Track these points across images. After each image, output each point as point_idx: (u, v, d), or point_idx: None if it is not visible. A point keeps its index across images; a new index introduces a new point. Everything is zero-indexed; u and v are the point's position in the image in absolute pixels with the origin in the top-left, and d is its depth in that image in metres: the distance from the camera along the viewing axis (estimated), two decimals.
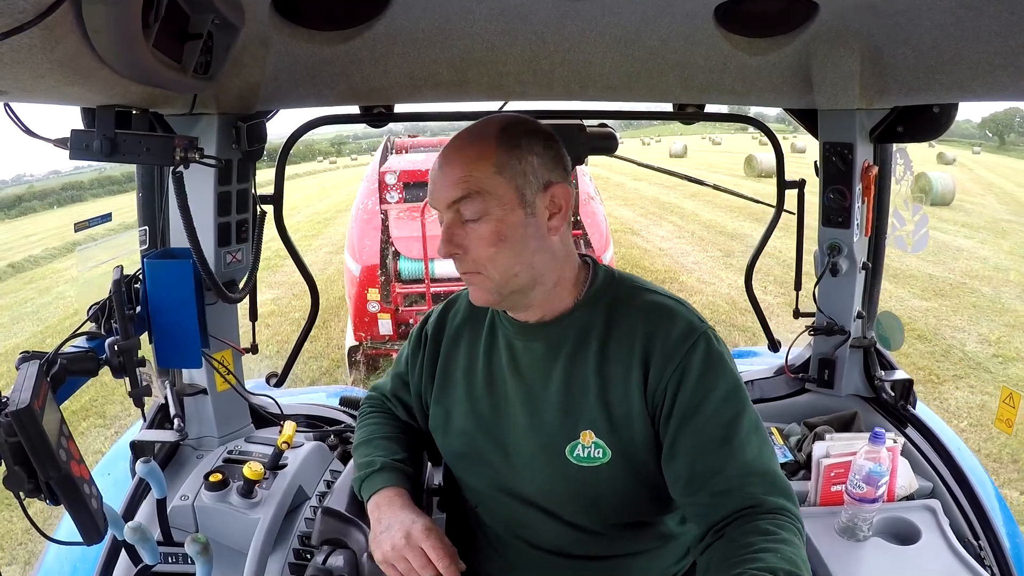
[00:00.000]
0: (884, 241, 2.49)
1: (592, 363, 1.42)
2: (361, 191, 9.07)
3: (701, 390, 1.34)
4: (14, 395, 1.18)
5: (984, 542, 1.96)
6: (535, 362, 1.48)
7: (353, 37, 1.74)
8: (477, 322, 1.61)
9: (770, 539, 1.21)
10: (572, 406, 1.43)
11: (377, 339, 7.24)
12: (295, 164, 58.64)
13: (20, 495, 1.20)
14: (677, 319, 1.40)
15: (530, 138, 1.39)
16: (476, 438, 1.54)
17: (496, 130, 1.39)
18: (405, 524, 1.42)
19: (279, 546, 1.84)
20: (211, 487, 1.86)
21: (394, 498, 1.51)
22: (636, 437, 1.39)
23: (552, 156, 1.40)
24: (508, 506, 1.54)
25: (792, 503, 1.31)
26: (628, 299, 1.46)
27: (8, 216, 35.46)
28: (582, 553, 1.51)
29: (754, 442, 1.34)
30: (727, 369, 1.38)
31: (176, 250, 2.02)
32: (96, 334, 1.73)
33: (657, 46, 1.86)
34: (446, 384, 1.61)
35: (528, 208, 1.37)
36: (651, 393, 1.38)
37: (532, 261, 1.39)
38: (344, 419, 2.51)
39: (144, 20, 1.09)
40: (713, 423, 1.33)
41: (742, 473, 1.31)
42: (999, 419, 2.16)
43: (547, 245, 1.41)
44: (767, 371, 2.74)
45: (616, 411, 1.40)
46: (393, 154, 10.66)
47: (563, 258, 1.45)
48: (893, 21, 1.67)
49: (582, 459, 1.41)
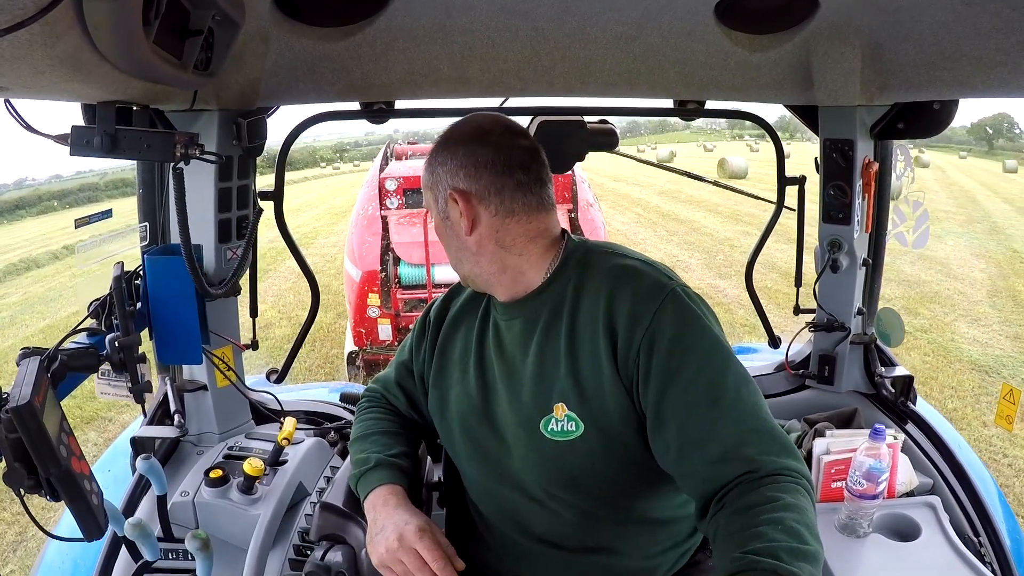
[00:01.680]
0: (884, 237, 2.49)
1: (563, 334, 1.42)
2: (361, 197, 9.07)
3: (679, 350, 1.31)
4: (15, 391, 1.18)
5: (984, 538, 1.95)
6: (515, 338, 1.51)
7: (353, 33, 1.74)
8: (474, 309, 1.64)
9: (772, 508, 1.16)
10: (545, 379, 1.43)
11: (377, 344, 7.23)
12: (299, 170, 59.08)
13: (20, 491, 1.20)
14: (642, 278, 1.39)
15: (438, 150, 1.51)
16: (469, 420, 1.56)
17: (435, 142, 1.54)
18: (399, 526, 1.43)
19: (279, 542, 1.84)
20: (211, 483, 1.86)
21: (389, 497, 1.51)
22: (608, 407, 1.38)
23: (456, 161, 1.47)
24: (501, 493, 1.55)
25: (795, 459, 1.26)
26: (595, 265, 1.46)
27: (30, 214, 37.05)
28: (576, 544, 1.51)
29: (746, 397, 1.30)
30: (702, 323, 1.35)
31: (176, 246, 2.01)
32: (97, 330, 1.74)
33: (658, 43, 1.86)
34: (443, 368, 1.64)
35: (442, 214, 1.51)
36: (622, 360, 1.36)
37: (458, 258, 1.54)
38: (344, 415, 2.50)
39: (145, 16, 1.09)
40: (698, 383, 1.30)
41: (737, 433, 1.26)
42: (999, 415, 2.15)
43: (466, 245, 1.50)
44: (767, 367, 2.74)
45: (586, 381, 1.39)
46: (393, 160, 10.66)
47: (493, 252, 1.49)
48: (894, 17, 1.67)
49: (556, 433, 1.41)
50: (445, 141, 1.51)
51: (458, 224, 1.47)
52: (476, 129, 1.50)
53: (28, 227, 29.94)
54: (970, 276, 12.75)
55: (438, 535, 1.44)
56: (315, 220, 23.73)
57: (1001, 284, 12.19)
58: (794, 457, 1.27)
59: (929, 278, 12.33)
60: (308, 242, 18.43)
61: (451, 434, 1.61)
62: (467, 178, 1.45)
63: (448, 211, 1.48)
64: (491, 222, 1.46)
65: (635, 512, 1.50)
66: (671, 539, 1.57)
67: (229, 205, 2.07)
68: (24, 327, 11.89)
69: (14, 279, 16.83)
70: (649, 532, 1.54)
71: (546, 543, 1.52)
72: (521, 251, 1.48)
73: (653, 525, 1.53)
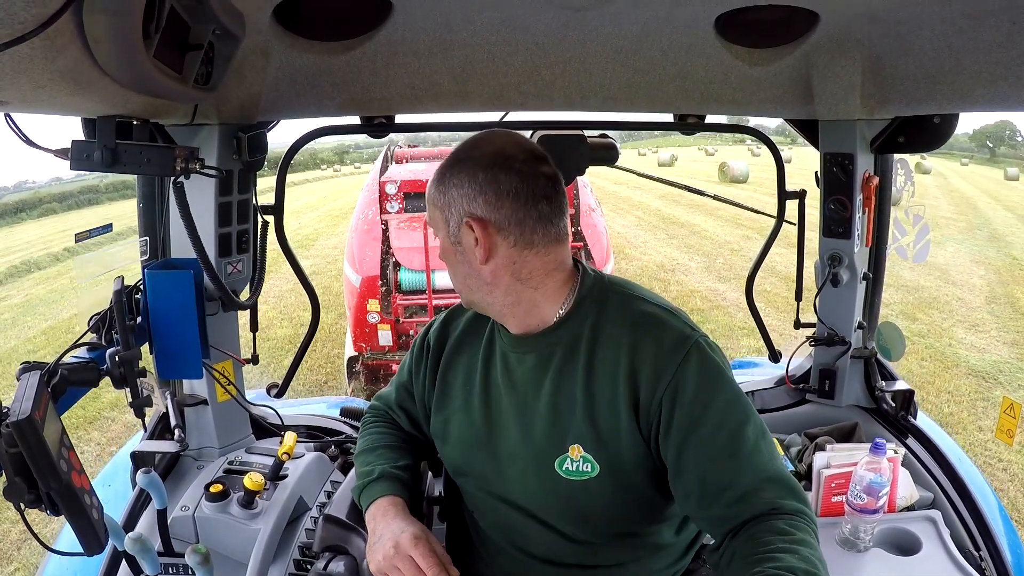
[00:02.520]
0: (885, 251, 2.49)
1: (580, 376, 1.41)
2: (361, 201, 8.98)
3: (700, 403, 1.33)
4: (15, 406, 1.18)
5: (985, 552, 1.95)
6: (527, 374, 1.48)
7: (354, 47, 1.74)
8: (477, 334, 1.61)
9: (788, 539, 1.21)
10: (561, 420, 1.42)
11: (377, 350, 7.20)
12: (300, 172, 59.19)
13: (21, 506, 1.19)
14: (666, 329, 1.39)
15: (454, 170, 1.41)
16: (472, 448, 1.55)
17: (447, 157, 1.45)
18: (395, 534, 1.43)
19: (279, 557, 1.84)
20: (212, 498, 1.86)
21: (388, 508, 1.52)
22: (624, 452, 1.39)
23: (475, 187, 1.38)
24: (503, 514, 1.54)
25: (807, 506, 1.31)
26: (616, 308, 1.44)
27: (30, 217, 37.13)
28: (575, 562, 1.51)
29: (763, 449, 1.33)
30: (724, 377, 1.37)
31: (177, 260, 2.01)
32: (97, 345, 1.73)
33: (658, 57, 1.86)
34: (445, 393, 1.62)
35: (453, 239, 1.43)
36: (644, 410, 1.36)
37: (467, 285, 1.47)
38: (345, 430, 2.50)
39: (145, 30, 1.09)
40: (718, 436, 1.32)
41: (756, 482, 1.30)
42: (999, 430, 2.15)
43: (479, 274, 1.43)
44: (767, 382, 2.74)
45: (603, 426, 1.39)
46: (393, 164, 10.61)
47: (508, 284, 1.43)
48: (894, 31, 1.67)
49: (571, 473, 1.41)
50: (461, 161, 1.42)
51: (471, 252, 1.40)
52: (499, 153, 1.40)
53: (29, 229, 30.05)
54: (969, 282, 12.78)
55: (434, 543, 1.44)
56: (316, 222, 23.90)
57: (1000, 291, 12.22)
58: (805, 503, 1.32)
59: (928, 284, 12.37)
60: (309, 244, 18.58)
61: (454, 458, 1.61)
62: (486, 205, 1.38)
63: (461, 236, 1.41)
64: (509, 253, 1.40)
65: (638, 539, 1.52)
66: (670, 557, 1.58)
67: (229, 219, 2.07)
68: (26, 328, 12.01)
69: (15, 281, 16.94)
70: (649, 555, 1.55)
71: (547, 562, 1.53)
72: (537, 285, 1.44)
73: (654, 549, 1.55)
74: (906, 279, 12.36)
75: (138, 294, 1.92)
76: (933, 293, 11.89)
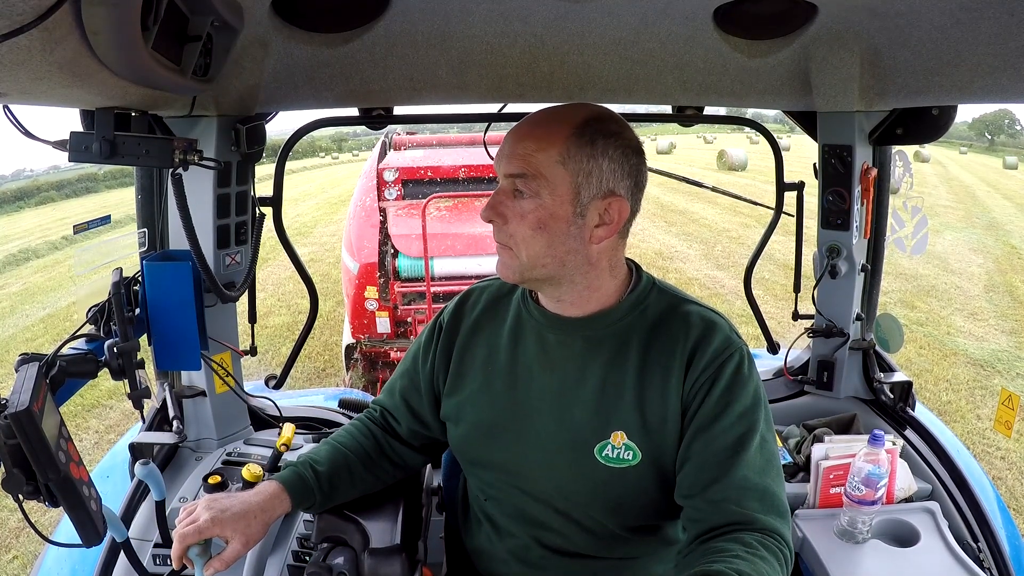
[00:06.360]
0: (883, 243, 2.49)
1: (633, 367, 1.42)
2: (359, 188, 8.89)
3: (723, 402, 1.37)
4: (13, 397, 1.18)
5: (983, 544, 1.96)
6: (572, 357, 1.47)
7: (352, 39, 1.74)
8: (499, 314, 1.60)
9: (749, 551, 1.22)
10: (606, 406, 1.42)
11: (375, 338, 7.17)
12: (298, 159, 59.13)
13: (19, 497, 1.20)
14: (719, 332, 1.42)
15: (610, 141, 1.35)
16: (491, 431, 1.53)
17: (579, 120, 1.35)
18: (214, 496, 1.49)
19: (278, 548, 1.83)
20: (210, 489, 1.86)
21: (262, 486, 1.53)
22: (668, 441, 1.40)
23: (626, 168, 1.37)
24: (519, 504, 1.54)
25: (785, 527, 1.32)
26: (672, 309, 1.47)
27: (28, 205, 37.14)
28: (589, 553, 1.52)
29: (759, 460, 1.35)
30: (751, 388, 1.40)
31: (175, 252, 2.02)
32: (95, 336, 1.73)
33: (656, 48, 1.86)
34: (461, 375, 1.59)
35: (579, 208, 1.35)
36: (685, 397, 1.39)
37: (564, 259, 1.38)
38: (343, 421, 2.50)
39: (143, 22, 1.08)
40: (725, 436, 1.35)
41: (740, 486, 1.32)
42: (998, 421, 2.16)
43: (584, 250, 1.39)
44: (766, 373, 2.74)
45: (651, 415, 1.40)
46: (391, 151, 10.54)
47: (601, 268, 1.43)
48: (893, 23, 1.67)
49: (611, 459, 1.41)
50: (615, 135, 1.36)
51: (590, 228, 1.37)
52: (638, 141, 1.41)
53: (27, 218, 30.08)
54: (967, 271, 12.83)
55: (209, 507, 1.46)
56: (315, 210, 23.85)
57: (998, 279, 12.27)
58: (786, 525, 1.33)
59: (927, 272, 12.39)
60: (307, 232, 18.58)
61: (466, 442, 1.58)
62: (629, 190, 1.38)
63: (588, 207, 1.35)
64: (617, 240, 1.43)
65: (656, 534, 1.55)
66: (675, 558, 1.59)
67: (228, 211, 2.07)
68: (25, 316, 12.04)
69: (14, 269, 16.98)
70: (660, 550, 1.57)
71: (563, 553, 1.53)
72: (615, 274, 1.47)
73: (666, 544, 1.58)
74: (905, 267, 12.40)
75: (136, 285, 1.92)
76: (932, 281, 11.92)
